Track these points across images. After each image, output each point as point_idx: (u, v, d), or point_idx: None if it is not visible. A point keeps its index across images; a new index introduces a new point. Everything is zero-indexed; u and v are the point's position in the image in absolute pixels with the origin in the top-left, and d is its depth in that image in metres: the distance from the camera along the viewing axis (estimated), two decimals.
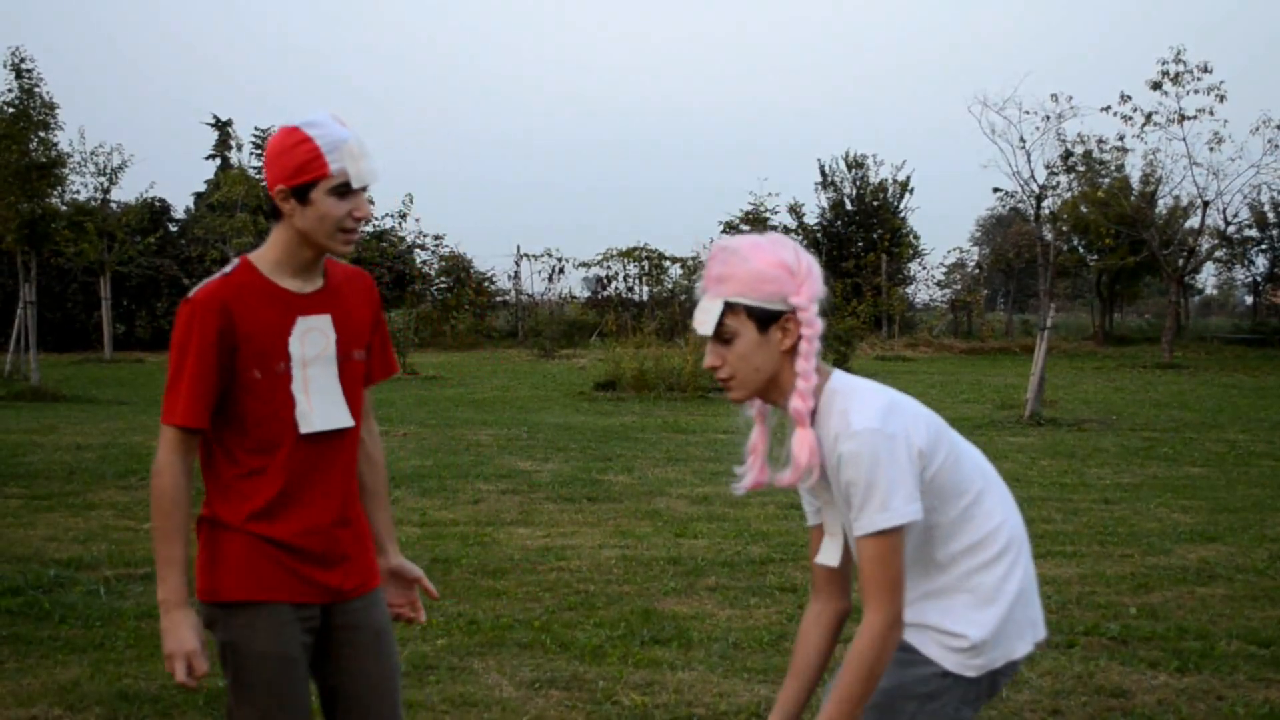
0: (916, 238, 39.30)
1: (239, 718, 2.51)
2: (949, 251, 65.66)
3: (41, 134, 18.77)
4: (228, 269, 2.53)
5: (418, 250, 35.76)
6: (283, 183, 2.45)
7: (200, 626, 2.46)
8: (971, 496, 2.36)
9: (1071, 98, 22.92)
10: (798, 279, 2.29)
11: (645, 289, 36.68)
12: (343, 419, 2.57)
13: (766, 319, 2.28)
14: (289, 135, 2.45)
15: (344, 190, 2.46)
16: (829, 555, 2.46)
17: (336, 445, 2.57)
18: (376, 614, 2.65)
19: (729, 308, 2.29)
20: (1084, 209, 29.54)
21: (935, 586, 2.37)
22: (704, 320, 2.32)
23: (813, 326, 2.29)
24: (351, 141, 2.46)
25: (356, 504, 2.66)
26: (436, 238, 36.06)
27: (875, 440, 2.21)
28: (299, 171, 2.44)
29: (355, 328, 2.62)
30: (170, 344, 2.48)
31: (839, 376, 2.36)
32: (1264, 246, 39.72)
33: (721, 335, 2.31)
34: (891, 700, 2.36)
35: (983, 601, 2.35)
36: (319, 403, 2.52)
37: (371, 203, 2.58)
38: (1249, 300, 45.26)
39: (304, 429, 2.50)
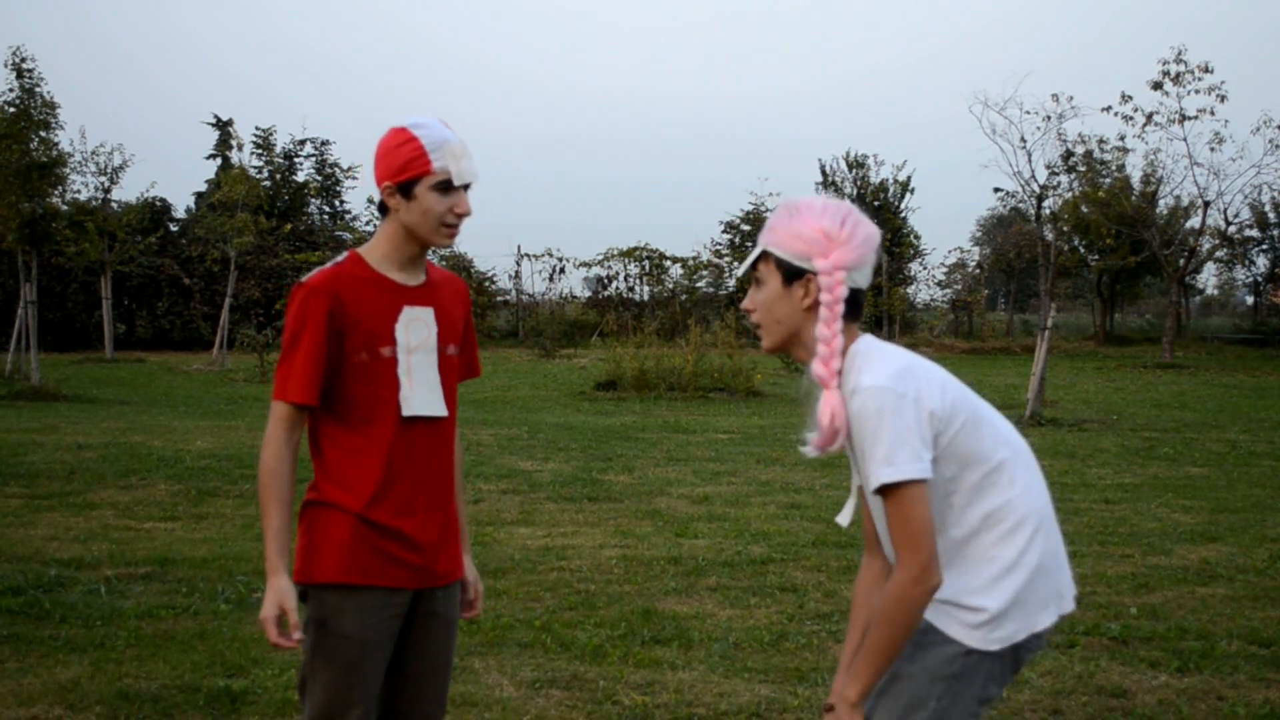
0: (917, 237, 39.31)
1: (310, 688, 2.62)
2: (949, 251, 65.88)
3: (42, 134, 18.79)
4: (338, 259, 2.66)
5: None
6: (389, 179, 2.60)
7: (293, 592, 2.55)
8: (992, 465, 2.36)
9: (1072, 98, 22.82)
10: (832, 245, 2.36)
11: (646, 289, 36.71)
12: (438, 408, 2.69)
13: (791, 274, 2.39)
14: (396, 135, 2.60)
15: (446, 187, 2.60)
16: (845, 514, 2.52)
17: (434, 434, 2.69)
18: (453, 606, 2.80)
19: (764, 255, 2.43)
20: (1085, 209, 29.54)
21: (957, 561, 2.36)
22: (745, 262, 2.47)
23: (831, 292, 2.35)
24: (454, 142, 2.60)
25: (453, 496, 2.78)
26: None
27: (882, 397, 2.26)
28: (404, 168, 2.58)
29: (452, 324, 2.76)
30: (284, 328, 2.61)
31: (866, 340, 2.40)
32: (1265, 246, 39.73)
33: (755, 279, 2.45)
34: (917, 684, 2.34)
35: (1002, 572, 2.34)
36: (420, 389, 2.65)
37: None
38: (1249, 300, 45.24)
39: (406, 412, 2.62)
